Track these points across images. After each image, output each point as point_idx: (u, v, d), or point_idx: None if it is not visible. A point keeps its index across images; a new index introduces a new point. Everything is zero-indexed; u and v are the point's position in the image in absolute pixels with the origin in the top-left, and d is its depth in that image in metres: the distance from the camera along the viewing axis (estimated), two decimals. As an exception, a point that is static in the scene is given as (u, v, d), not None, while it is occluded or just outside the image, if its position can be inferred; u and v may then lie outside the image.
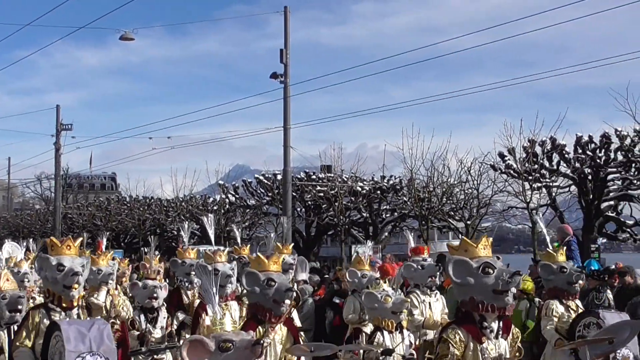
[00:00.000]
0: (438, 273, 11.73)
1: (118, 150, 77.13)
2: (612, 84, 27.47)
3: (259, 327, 7.87)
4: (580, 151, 27.21)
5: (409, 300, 9.69)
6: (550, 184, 27.99)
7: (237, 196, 41.87)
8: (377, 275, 11.75)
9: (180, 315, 12.16)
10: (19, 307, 8.43)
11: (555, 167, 27.98)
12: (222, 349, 5.44)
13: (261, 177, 39.44)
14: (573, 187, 28.08)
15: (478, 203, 30.26)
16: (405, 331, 9.01)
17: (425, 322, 10.76)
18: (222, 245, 35.99)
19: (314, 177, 37.15)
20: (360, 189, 35.35)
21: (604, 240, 27.88)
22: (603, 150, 26.96)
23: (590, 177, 27.19)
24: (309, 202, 37.17)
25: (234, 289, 11.14)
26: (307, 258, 15.12)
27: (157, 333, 10.77)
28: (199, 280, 12.78)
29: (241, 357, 5.47)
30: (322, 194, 35.84)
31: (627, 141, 26.37)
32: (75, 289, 7.68)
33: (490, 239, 7.33)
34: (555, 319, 9.43)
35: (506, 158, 28.39)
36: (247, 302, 10.86)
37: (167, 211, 46.78)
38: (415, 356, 8.95)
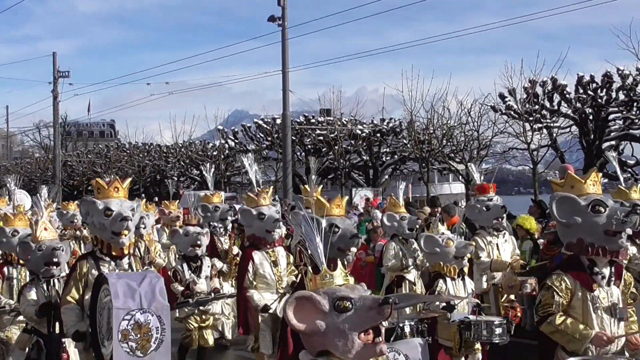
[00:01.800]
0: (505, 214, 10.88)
1: (116, 97, 76.86)
2: (615, 22, 27.33)
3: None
4: (581, 91, 27.00)
5: (473, 244, 9.11)
6: (551, 124, 27.85)
7: (236, 141, 41.74)
8: (417, 217, 11.46)
9: (218, 263, 11.32)
10: (55, 259, 7.80)
11: (556, 107, 27.80)
12: (339, 308, 4.32)
13: (260, 122, 39.28)
14: (574, 128, 27.96)
15: (478, 145, 30.19)
16: (467, 278, 8.37)
17: (493, 264, 10.05)
18: (222, 191, 36.09)
19: (313, 120, 37.00)
20: (359, 132, 35.22)
21: (605, 181, 27.78)
22: (604, 90, 26.75)
23: (591, 117, 27.04)
24: (309, 146, 37.07)
25: (281, 234, 10.07)
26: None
27: (202, 283, 10.05)
28: (217, 224, 12.28)
29: (363, 320, 4.29)
30: (321, 138, 35.74)
31: (629, 80, 26.15)
32: (125, 235, 6.99)
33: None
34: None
35: (507, 99, 28.21)
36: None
37: (167, 157, 46.70)
38: (480, 305, 8.33)
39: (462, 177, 31.76)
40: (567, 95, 27.38)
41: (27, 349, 7.74)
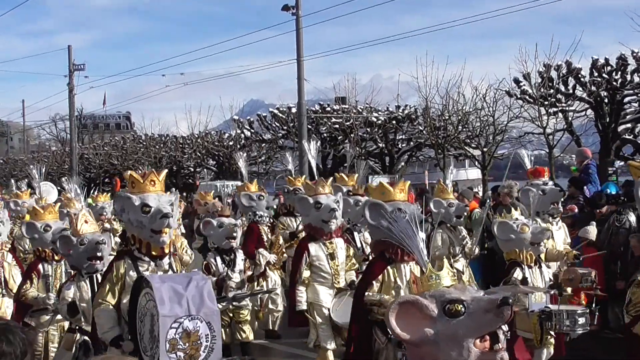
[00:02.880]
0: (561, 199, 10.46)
1: (132, 89, 77.04)
2: (629, 4, 27.16)
3: (388, 268, 6.92)
4: (596, 74, 26.92)
5: (550, 229, 8.76)
6: (567, 108, 27.82)
7: (252, 131, 41.85)
8: (465, 203, 11.19)
9: (266, 254, 11.01)
10: (99, 254, 7.42)
11: (571, 91, 27.76)
12: (450, 312, 3.77)
13: (276, 111, 39.36)
14: (589, 111, 27.89)
15: (494, 130, 30.20)
16: (544, 265, 8.02)
17: (548, 253, 9.10)
18: (239, 181, 36.24)
19: (328, 109, 37.06)
20: (375, 120, 35.26)
21: (621, 163, 27.74)
22: (619, 73, 26.66)
23: (606, 100, 26.98)
24: (325, 135, 37.16)
25: (339, 224, 9.46)
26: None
27: (236, 277, 9.59)
28: (263, 213, 11.69)
29: (480, 324, 3.75)
30: (337, 126, 35.82)
31: (644, 62, 26.07)
32: (166, 233, 6.43)
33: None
34: None
35: (521, 84, 28.20)
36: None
37: (183, 148, 46.88)
38: (559, 294, 7.97)
39: (478, 162, 31.77)
40: (582, 79, 27.32)
41: (73, 348, 7.42)
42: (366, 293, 6.91)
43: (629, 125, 27.44)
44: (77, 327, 7.43)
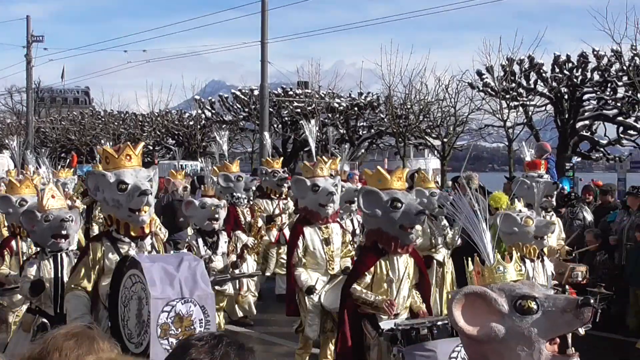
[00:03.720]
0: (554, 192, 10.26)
1: (92, 64, 76.01)
2: (592, 3, 27.40)
3: (380, 260, 6.75)
4: (557, 70, 27.24)
5: (554, 222, 8.45)
6: (527, 102, 28.09)
7: (213, 111, 41.67)
8: (445, 193, 10.91)
9: (243, 237, 10.55)
10: (63, 231, 6.86)
11: (532, 86, 28.03)
12: (521, 309, 3.41)
13: (238, 92, 39.22)
14: (549, 106, 28.21)
15: (455, 121, 30.40)
16: (546, 260, 7.73)
17: None
18: (199, 162, 36.05)
19: (291, 93, 37.00)
20: (337, 106, 35.29)
21: (578, 159, 28.15)
22: (580, 70, 27.01)
23: (566, 97, 27.30)
24: (286, 118, 37.11)
25: (336, 209, 8.98)
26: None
27: (219, 260, 9.27)
28: (241, 195, 11.35)
29: (556, 325, 3.42)
30: (299, 110, 35.76)
31: (604, 61, 26.40)
32: (145, 211, 5.96)
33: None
34: None
35: (484, 76, 28.40)
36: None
37: (143, 126, 46.52)
38: (565, 290, 7.82)
39: (437, 152, 31.97)
40: (544, 74, 27.60)
41: (31, 330, 6.84)
42: (354, 285, 6.73)
43: (587, 122, 27.81)
44: (37, 308, 6.93)
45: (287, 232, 12.16)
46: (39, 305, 6.86)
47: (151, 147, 46.39)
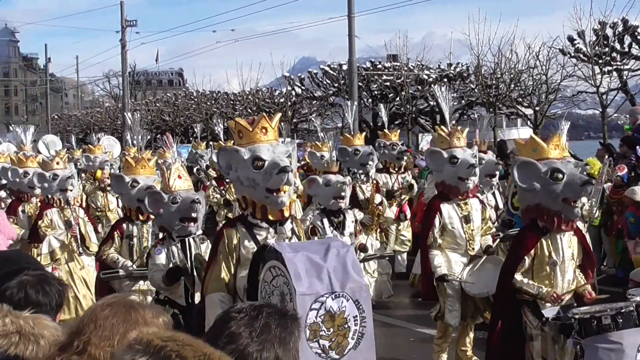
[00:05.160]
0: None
1: (184, 46, 77.40)
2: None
3: (542, 239, 6.15)
4: (653, 32, 26.45)
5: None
6: (622, 67, 27.36)
7: (303, 88, 41.90)
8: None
9: (358, 214, 9.86)
10: (193, 214, 6.45)
11: (626, 49, 27.26)
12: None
13: (327, 68, 39.34)
14: (645, 70, 27.43)
15: (547, 89, 29.84)
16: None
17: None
18: (290, 138, 36.40)
19: (379, 66, 36.93)
20: (426, 77, 35.08)
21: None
22: (678, 30, 26.16)
23: (663, 59, 26.50)
24: (376, 92, 37.08)
25: (476, 182, 8.29)
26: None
27: (346, 242, 7.97)
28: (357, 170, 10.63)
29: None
30: (388, 83, 35.70)
31: None
32: (285, 192, 5.35)
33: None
34: None
35: (575, 42, 27.75)
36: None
37: (234, 105, 47.12)
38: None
39: (530, 122, 31.49)
40: (639, 37, 26.83)
41: None
42: (515, 276, 6.16)
43: (685, 84, 26.97)
44: (166, 299, 6.50)
45: (407, 208, 12.11)
46: (169, 296, 6.50)
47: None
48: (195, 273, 6.34)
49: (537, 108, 30.08)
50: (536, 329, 6.06)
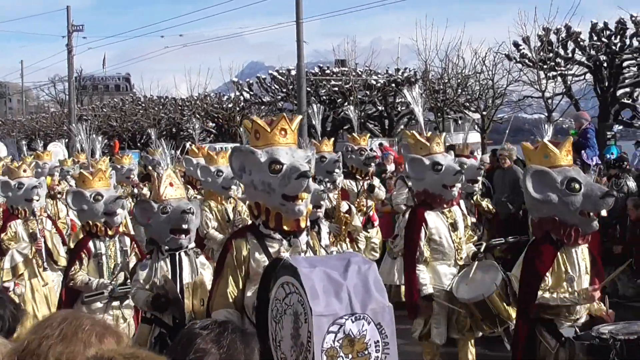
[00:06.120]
0: None
1: (131, 51, 76.75)
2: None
3: (558, 254, 5.67)
4: (595, 38, 26.97)
5: None
6: (566, 72, 27.87)
7: (251, 93, 41.85)
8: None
9: (324, 224, 8.99)
10: (184, 225, 5.89)
11: (570, 55, 27.79)
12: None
13: (275, 73, 39.34)
14: (588, 75, 27.96)
15: (493, 93, 30.28)
16: None
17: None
18: (239, 143, 36.27)
19: (328, 71, 37.05)
20: (374, 83, 35.28)
21: (620, 128, 27.87)
22: (618, 37, 26.70)
23: (605, 65, 27.03)
24: (324, 97, 37.17)
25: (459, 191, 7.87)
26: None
27: (322, 253, 7.38)
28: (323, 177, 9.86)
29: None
30: (336, 89, 35.83)
31: (643, 26, 26.08)
32: (303, 199, 4.88)
33: None
34: None
35: (521, 47, 28.22)
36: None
37: (182, 110, 46.86)
38: None
39: (477, 126, 31.89)
40: (581, 43, 27.34)
41: (148, 343, 5.88)
42: (542, 295, 5.62)
43: (627, 89, 27.55)
44: (152, 317, 5.96)
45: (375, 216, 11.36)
46: (155, 314, 5.93)
47: (191, 131, 46.68)
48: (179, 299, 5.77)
49: (484, 112, 30.47)
50: (554, 349, 5.62)
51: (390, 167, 15.85)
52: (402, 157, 15.18)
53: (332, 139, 12.15)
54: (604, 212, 6.45)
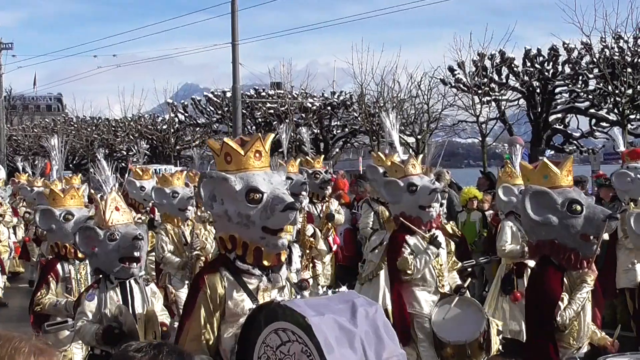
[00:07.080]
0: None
1: (63, 70, 75.64)
2: (560, -4, 27.49)
3: (562, 278, 5.37)
4: (528, 64, 27.31)
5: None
6: (500, 97, 28.15)
7: (186, 115, 41.50)
8: None
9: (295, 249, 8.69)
10: (135, 253, 5.44)
11: (504, 80, 28.09)
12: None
13: (210, 95, 39.09)
14: (522, 100, 28.29)
15: (428, 117, 30.40)
16: None
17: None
18: (173, 165, 35.82)
19: (263, 94, 36.90)
20: (310, 106, 35.22)
21: (552, 153, 28.24)
22: (551, 63, 27.09)
23: (538, 90, 27.38)
24: (259, 120, 36.99)
25: (437, 211, 7.58)
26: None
27: (293, 278, 7.52)
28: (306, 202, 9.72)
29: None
30: (272, 111, 35.67)
31: (574, 54, 26.50)
32: (289, 232, 4.54)
33: None
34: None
35: (456, 72, 28.43)
36: None
37: (116, 131, 46.22)
38: None
39: (412, 149, 31.98)
40: (515, 69, 27.67)
41: None
42: (560, 313, 5.21)
43: (559, 115, 27.93)
44: (103, 353, 5.42)
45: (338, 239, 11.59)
46: (106, 350, 5.36)
47: (125, 152, 46.11)
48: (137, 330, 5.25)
49: (419, 136, 30.56)
50: None
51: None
52: (340, 181, 15.17)
53: (298, 161, 11.86)
54: (605, 236, 6.13)
